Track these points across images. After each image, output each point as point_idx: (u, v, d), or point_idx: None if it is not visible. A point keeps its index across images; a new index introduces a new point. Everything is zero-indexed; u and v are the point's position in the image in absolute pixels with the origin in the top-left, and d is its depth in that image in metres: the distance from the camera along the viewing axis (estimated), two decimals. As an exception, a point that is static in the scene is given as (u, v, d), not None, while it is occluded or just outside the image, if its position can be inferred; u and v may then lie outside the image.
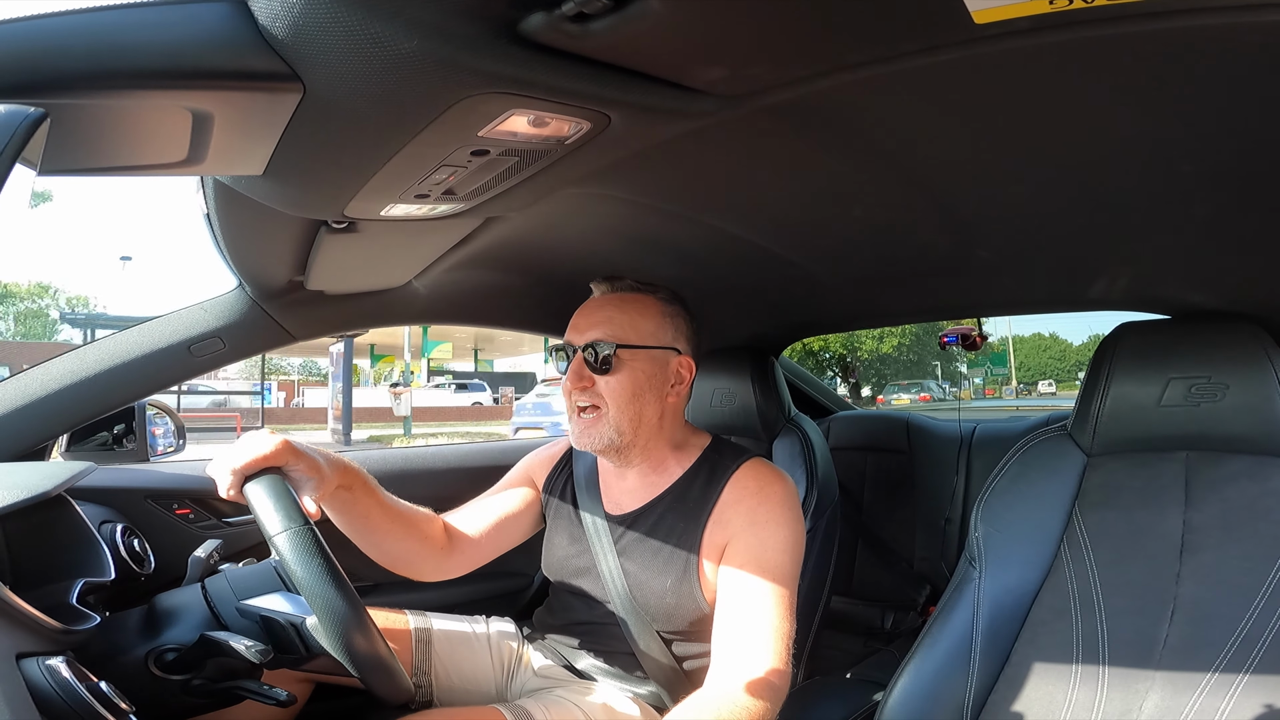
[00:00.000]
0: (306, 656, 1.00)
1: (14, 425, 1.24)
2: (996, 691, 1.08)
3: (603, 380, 1.21)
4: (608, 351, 1.20)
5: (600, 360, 1.20)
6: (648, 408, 1.23)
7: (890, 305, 1.69)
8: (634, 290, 1.27)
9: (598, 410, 1.22)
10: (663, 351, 1.24)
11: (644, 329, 1.23)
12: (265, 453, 0.95)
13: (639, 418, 1.23)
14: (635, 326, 1.22)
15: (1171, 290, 1.23)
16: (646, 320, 1.24)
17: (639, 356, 1.22)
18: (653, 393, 1.23)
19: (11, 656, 0.78)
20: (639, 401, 1.22)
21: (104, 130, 0.61)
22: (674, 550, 1.21)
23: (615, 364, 1.20)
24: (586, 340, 1.22)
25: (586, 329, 1.23)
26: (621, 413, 1.21)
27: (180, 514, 1.61)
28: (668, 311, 1.26)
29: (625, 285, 1.28)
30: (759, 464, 1.26)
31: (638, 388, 1.21)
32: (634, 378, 1.21)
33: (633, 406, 1.21)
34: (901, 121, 0.77)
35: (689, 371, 1.27)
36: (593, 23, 0.52)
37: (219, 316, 1.35)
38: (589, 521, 1.31)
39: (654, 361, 1.23)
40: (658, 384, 1.24)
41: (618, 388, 1.21)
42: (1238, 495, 1.03)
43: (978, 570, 1.15)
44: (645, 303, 1.25)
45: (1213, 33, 0.55)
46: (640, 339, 1.22)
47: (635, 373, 1.21)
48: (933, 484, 2.04)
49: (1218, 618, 0.98)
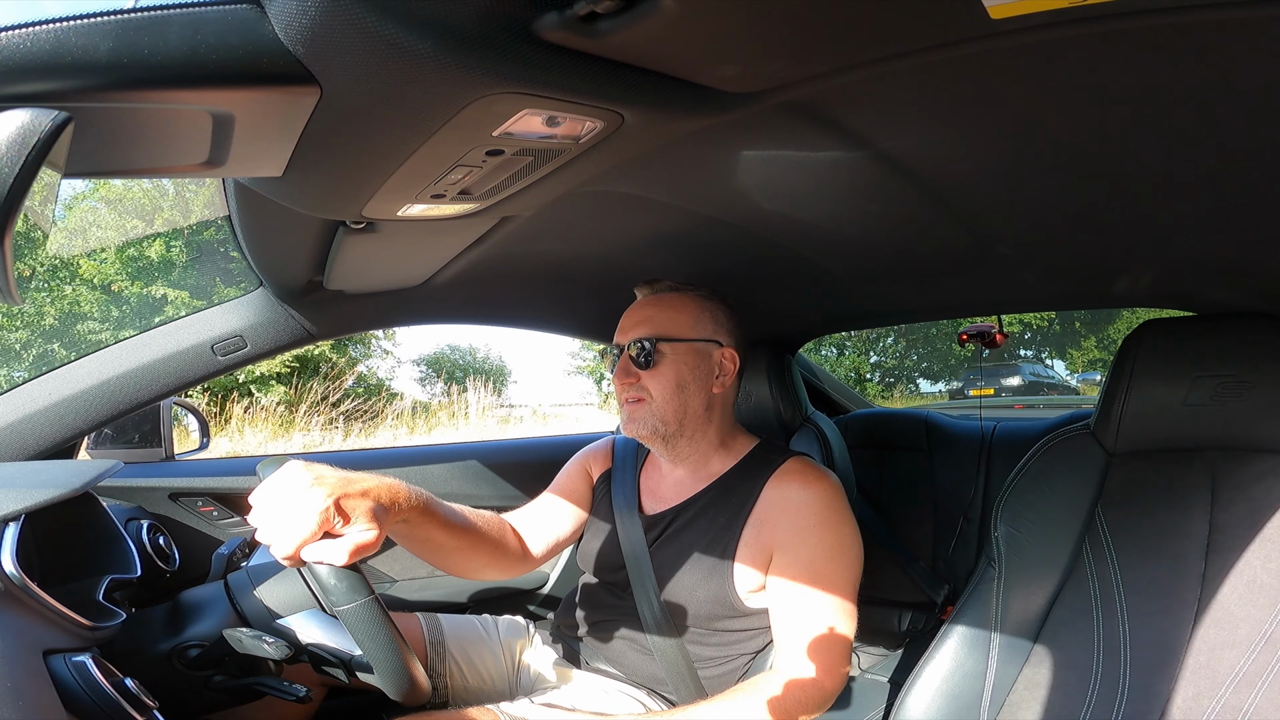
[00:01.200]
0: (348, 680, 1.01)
1: (41, 424, 1.26)
2: (1015, 692, 1.07)
3: (647, 374, 1.26)
4: (649, 346, 1.25)
5: (643, 356, 1.25)
6: (693, 398, 1.27)
7: (909, 302, 1.67)
8: (672, 290, 1.33)
9: (642, 401, 1.27)
10: (704, 344, 1.28)
11: (682, 323, 1.27)
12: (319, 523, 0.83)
13: (684, 408, 1.26)
14: (674, 321, 1.27)
15: (1196, 287, 1.21)
16: (684, 315, 1.28)
17: (679, 349, 1.26)
18: (697, 384, 1.27)
19: (39, 654, 0.79)
20: (684, 393, 1.26)
21: (127, 133, 0.61)
22: (708, 546, 1.22)
23: (657, 358, 1.25)
24: (630, 339, 1.27)
25: (630, 329, 1.29)
26: (666, 403, 1.25)
27: (204, 511, 1.63)
28: (705, 306, 1.31)
29: (664, 286, 1.33)
30: (802, 462, 1.26)
31: (681, 379, 1.26)
32: (677, 370, 1.25)
33: (678, 397, 1.26)
34: (918, 117, 0.76)
35: (733, 363, 1.31)
36: (604, 22, 0.52)
37: (241, 316, 1.37)
38: (625, 515, 1.33)
39: (696, 354, 1.27)
40: (702, 375, 1.28)
41: (661, 380, 1.25)
42: (1264, 495, 1.01)
43: (998, 570, 1.14)
44: (682, 299, 1.30)
45: (1236, 25, 0.54)
46: (679, 332, 1.27)
47: (678, 365, 1.26)
48: (952, 483, 2.02)
49: (1243, 618, 0.96)
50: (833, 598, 1.12)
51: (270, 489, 0.85)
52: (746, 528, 1.20)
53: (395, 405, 11.62)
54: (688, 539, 1.25)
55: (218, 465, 1.72)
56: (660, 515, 1.30)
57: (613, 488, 1.39)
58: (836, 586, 1.13)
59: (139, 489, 1.58)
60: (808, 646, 1.10)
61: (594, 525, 1.39)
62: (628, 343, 1.27)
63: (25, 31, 0.50)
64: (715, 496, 1.26)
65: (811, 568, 1.14)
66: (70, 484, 0.91)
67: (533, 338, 4.27)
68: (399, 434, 10.14)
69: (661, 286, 1.34)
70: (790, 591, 1.14)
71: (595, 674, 1.31)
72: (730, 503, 1.24)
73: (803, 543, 1.16)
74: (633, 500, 1.34)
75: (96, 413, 1.30)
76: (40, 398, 1.26)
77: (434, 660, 1.34)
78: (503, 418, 12.43)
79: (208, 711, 1.08)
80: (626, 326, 1.30)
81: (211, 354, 1.36)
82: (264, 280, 1.32)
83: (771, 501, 1.21)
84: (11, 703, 0.69)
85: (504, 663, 1.40)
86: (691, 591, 1.21)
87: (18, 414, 1.25)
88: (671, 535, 1.27)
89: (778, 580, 1.16)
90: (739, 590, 1.19)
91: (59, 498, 0.87)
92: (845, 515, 1.20)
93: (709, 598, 1.20)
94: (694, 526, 1.25)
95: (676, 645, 1.23)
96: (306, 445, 8.94)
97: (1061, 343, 17.07)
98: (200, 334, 1.35)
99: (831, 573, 1.14)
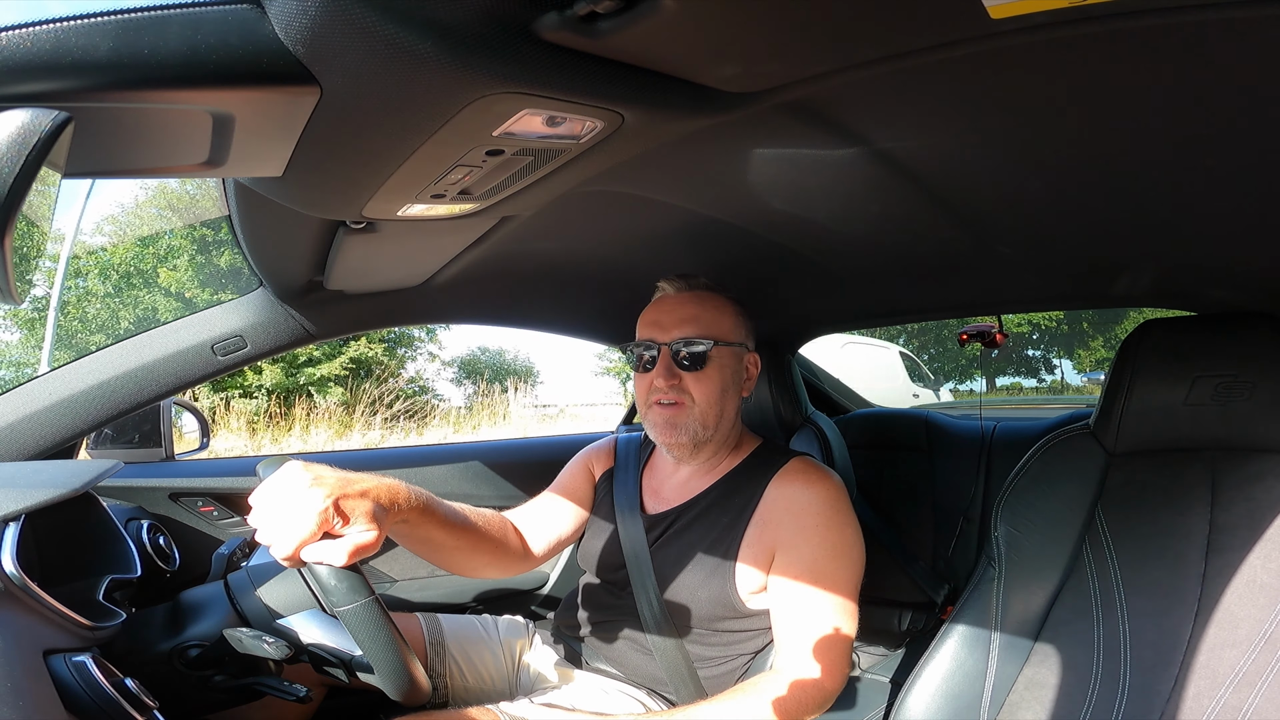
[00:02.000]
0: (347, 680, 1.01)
1: (41, 424, 1.26)
2: (1015, 691, 1.07)
3: (691, 377, 1.21)
4: (702, 348, 1.20)
5: (691, 357, 1.20)
6: (730, 404, 1.25)
7: (909, 302, 1.67)
8: (709, 289, 1.28)
9: (680, 405, 1.22)
10: (741, 349, 1.27)
11: (726, 325, 1.24)
12: (318, 524, 0.82)
13: (722, 413, 1.24)
14: (719, 323, 1.23)
15: (1196, 286, 1.21)
16: (727, 318, 1.25)
17: (724, 354, 1.23)
18: (734, 390, 1.26)
19: (39, 654, 0.79)
20: (725, 398, 1.24)
21: (127, 133, 0.61)
22: (711, 546, 1.22)
23: (708, 361, 1.21)
24: (675, 337, 1.21)
25: (673, 326, 1.22)
26: (710, 408, 1.22)
27: (204, 511, 1.63)
28: (738, 310, 1.29)
29: (701, 284, 1.28)
30: (805, 462, 1.26)
31: (725, 384, 1.23)
32: (722, 374, 1.23)
33: (720, 403, 1.23)
34: (918, 117, 0.76)
35: (756, 367, 1.30)
36: (604, 22, 0.52)
37: (241, 316, 1.37)
38: (627, 514, 1.32)
39: (736, 358, 1.26)
40: (739, 380, 1.27)
41: (708, 385, 1.21)
42: (1264, 494, 1.01)
43: (998, 570, 1.14)
44: (721, 300, 1.27)
45: (1235, 25, 0.54)
46: (725, 335, 1.23)
47: (724, 369, 1.23)
48: (952, 483, 2.02)
49: (1243, 618, 0.96)
50: (834, 597, 1.12)
51: (270, 490, 0.84)
52: (749, 528, 1.20)
53: (441, 406, 12.37)
54: (690, 539, 1.24)
55: (218, 465, 1.72)
56: (662, 515, 1.30)
57: (615, 487, 1.38)
58: (838, 586, 1.13)
59: (139, 489, 1.58)
60: (808, 646, 1.10)
61: (595, 524, 1.39)
62: (671, 341, 1.21)
63: (25, 31, 0.51)
64: (718, 497, 1.26)
65: (813, 567, 1.13)
66: (70, 484, 0.91)
67: (557, 339, 4.33)
68: (445, 434, 10.68)
69: (699, 283, 1.28)
70: (792, 591, 1.14)
71: (595, 674, 1.31)
72: (733, 503, 1.23)
73: (805, 542, 1.15)
74: (634, 500, 1.34)
75: (96, 413, 1.30)
76: (40, 398, 1.26)
77: (434, 660, 1.34)
78: (541, 416, 12.97)
79: (208, 711, 1.08)
80: (667, 323, 1.23)
81: (211, 354, 1.36)
82: (264, 280, 1.32)
83: (774, 501, 1.20)
84: (11, 703, 0.69)
85: (504, 663, 1.40)
86: (693, 592, 1.21)
87: (18, 414, 1.25)
88: (673, 535, 1.26)
89: (779, 580, 1.15)
90: (740, 591, 1.18)
91: (59, 498, 0.87)
92: (848, 515, 1.19)
93: (710, 598, 1.20)
94: (696, 527, 1.25)
95: (676, 645, 1.23)
96: (367, 444, 9.21)
97: (1070, 343, 17.18)
98: (200, 334, 1.35)
99: (833, 572, 1.14)
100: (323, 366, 11.26)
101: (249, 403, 10.56)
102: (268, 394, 10.76)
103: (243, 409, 10.11)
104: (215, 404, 10.07)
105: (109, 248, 12.10)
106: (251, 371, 10.91)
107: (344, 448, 8.41)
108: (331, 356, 11.51)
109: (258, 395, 10.89)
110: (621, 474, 1.39)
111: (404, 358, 14.04)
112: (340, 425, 9.80)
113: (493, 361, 17.15)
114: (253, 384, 10.99)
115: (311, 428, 9.41)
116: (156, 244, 12.22)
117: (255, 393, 10.93)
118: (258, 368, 10.88)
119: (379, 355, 12.33)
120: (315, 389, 11.20)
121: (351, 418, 10.15)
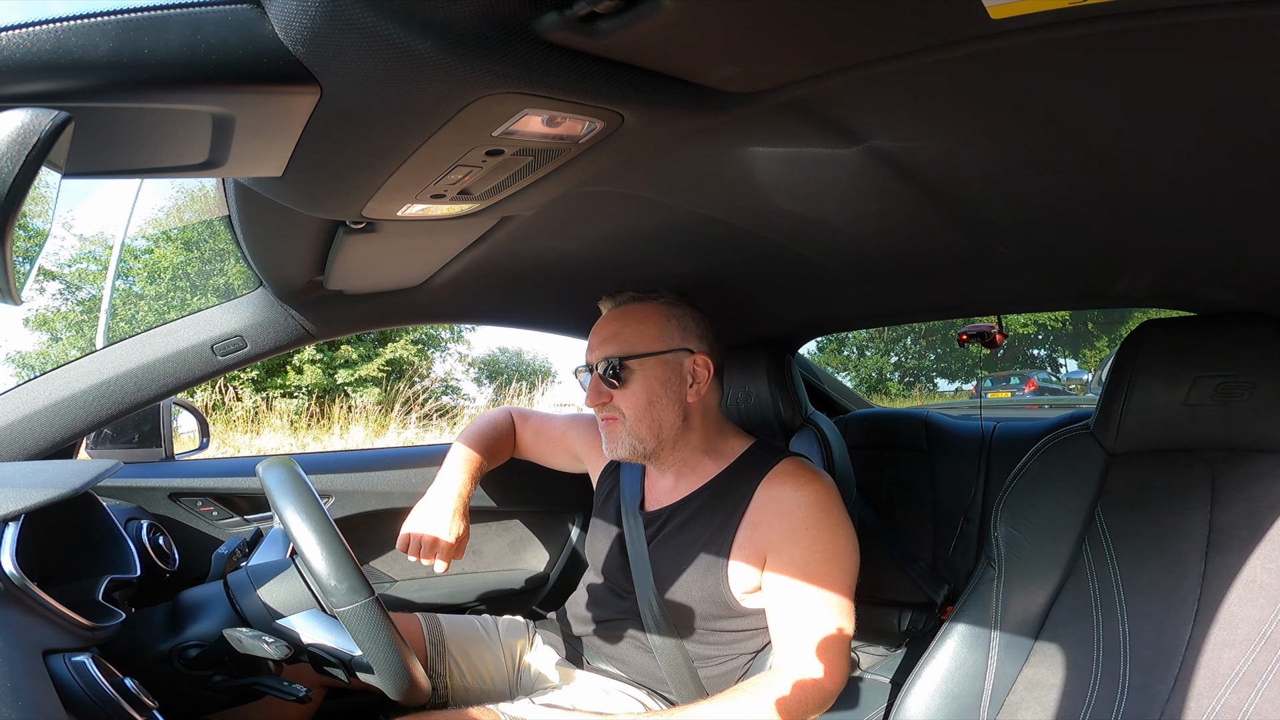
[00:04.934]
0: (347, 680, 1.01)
1: (41, 424, 1.26)
2: (1015, 692, 1.07)
3: (618, 394, 1.24)
4: (616, 365, 1.23)
5: (612, 374, 1.23)
6: (666, 413, 1.24)
7: (909, 302, 1.67)
8: (635, 300, 1.29)
9: (614, 420, 1.25)
10: (673, 354, 1.25)
11: (648, 335, 1.25)
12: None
13: (658, 424, 1.24)
14: (639, 335, 1.24)
15: (1196, 287, 1.21)
16: (649, 327, 1.25)
17: (647, 365, 1.23)
18: (669, 397, 1.24)
19: (39, 654, 0.79)
20: (655, 408, 1.24)
21: (127, 133, 0.62)
22: (704, 546, 1.22)
23: (626, 376, 1.23)
24: (598, 358, 1.25)
25: (596, 347, 1.27)
26: (639, 421, 1.24)
27: (204, 511, 1.63)
28: (671, 314, 1.27)
29: (626, 297, 1.30)
30: (795, 463, 1.25)
31: (652, 395, 1.23)
32: (647, 386, 1.23)
33: (650, 414, 1.23)
34: (918, 117, 0.76)
35: (706, 369, 1.27)
36: (604, 22, 0.52)
37: (241, 316, 1.37)
38: (627, 514, 1.33)
39: (665, 366, 1.24)
40: (673, 387, 1.25)
41: (632, 399, 1.23)
42: (1264, 494, 1.01)
43: (997, 570, 1.14)
44: (647, 310, 1.27)
45: (1236, 25, 0.54)
46: (645, 346, 1.24)
47: (648, 380, 1.23)
48: (951, 483, 2.02)
49: (1243, 618, 0.96)
50: (829, 598, 1.12)
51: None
52: (740, 529, 1.20)
53: (470, 406, 12.94)
54: (684, 538, 1.24)
55: (218, 465, 1.72)
56: (658, 513, 1.30)
57: (621, 482, 1.39)
58: (832, 587, 1.13)
59: (139, 489, 1.57)
60: (806, 647, 1.10)
61: (600, 524, 1.40)
62: (595, 362, 1.26)
63: (25, 31, 0.51)
64: (710, 497, 1.26)
65: (806, 568, 1.13)
66: (70, 484, 0.90)
67: (572, 341, 4.45)
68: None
69: (624, 298, 1.31)
70: (786, 592, 1.14)
71: (596, 674, 1.31)
72: (724, 504, 1.23)
73: (796, 544, 1.15)
74: (638, 497, 1.34)
75: (96, 413, 1.30)
76: (40, 398, 1.26)
77: (434, 661, 1.34)
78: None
79: (208, 711, 1.08)
80: (593, 344, 1.28)
81: (211, 354, 1.36)
82: (264, 280, 1.32)
83: (764, 503, 1.20)
84: (11, 703, 0.69)
85: (504, 663, 1.40)
86: (688, 590, 1.21)
87: (18, 414, 1.25)
88: (669, 534, 1.27)
89: (773, 581, 1.15)
90: (734, 591, 1.18)
91: (59, 498, 0.87)
92: (839, 516, 1.19)
93: (704, 597, 1.20)
94: (690, 526, 1.25)
95: (676, 645, 1.23)
96: (404, 442, 9.45)
97: (1075, 343, 17.30)
98: (200, 334, 1.35)
99: (826, 574, 1.14)
100: (360, 368, 11.76)
101: (290, 402, 10.98)
102: (307, 394, 11.21)
103: (284, 408, 10.53)
104: (258, 402, 10.52)
105: (154, 249, 12.49)
106: (293, 371, 11.40)
107: (373, 445, 8.55)
108: (368, 358, 11.93)
109: (298, 395, 11.27)
110: (628, 469, 1.41)
111: (433, 359, 14.48)
112: (377, 425, 10.14)
113: (512, 362, 17.45)
114: (293, 384, 11.36)
115: (351, 426, 9.93)
116: (202, 248, 12.60)
117: (295, 393, 11.30)
118: (299, 367, 11.39)
119: (411, 356, 12.73)
120: (352, 389, 11.67)
121: (387, 417, 10.48)
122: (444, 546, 1.24)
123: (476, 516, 1.83)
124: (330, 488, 1.73)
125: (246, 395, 10.68)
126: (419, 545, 1.25)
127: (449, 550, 1.24)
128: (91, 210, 14.64)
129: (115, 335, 11.46)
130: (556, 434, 1.58)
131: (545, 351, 19.05)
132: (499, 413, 1.60)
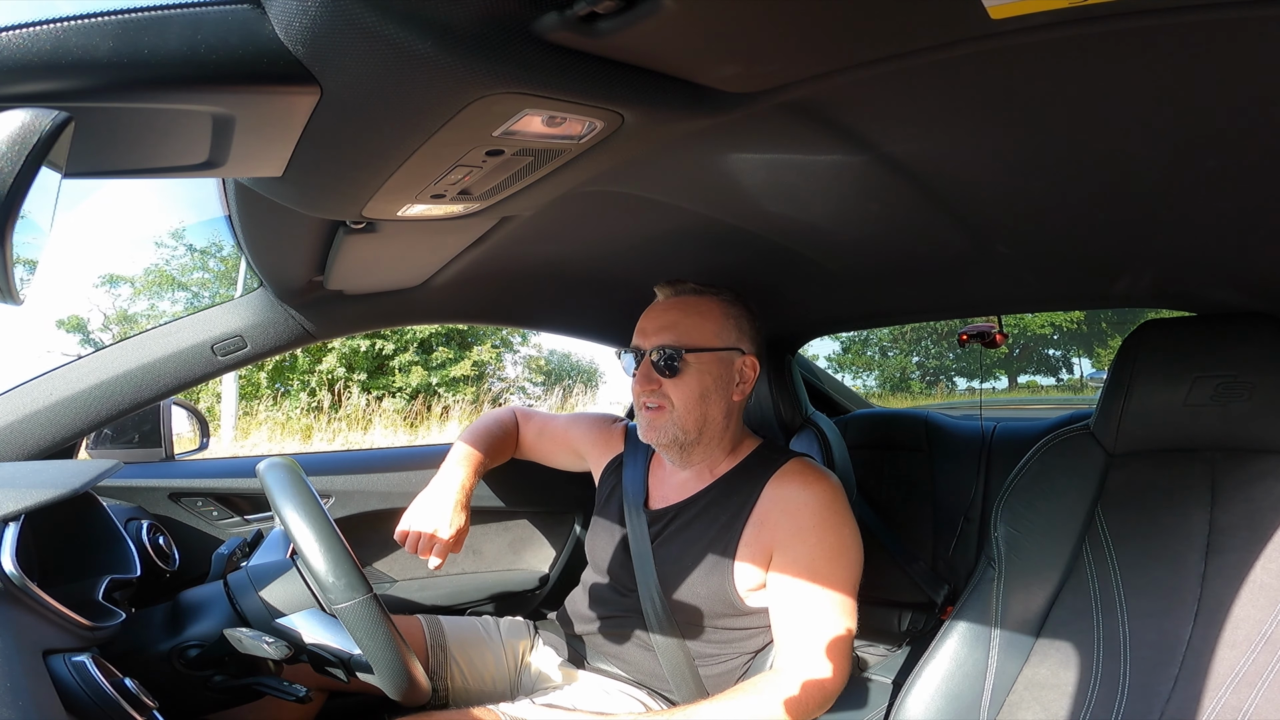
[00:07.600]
0: (347, 680, 1.01)
1: (41, 424, 1.26)
2: (1015, 692, 1.07)
3: (670, 383, 1.23)
4: (674, 356, 1.22)
5: (667, 364, 1.22)
6: (713, 408, 1.25)
7: (909, 302, 1.67)
8: (696, 293, 1.29)
9: (661, 409, 1.25)
10: (728, 353, 1.26)
11: (708, 331, 1.25)
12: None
13: (704, 418, 1.25)
14: (700, 330, 1.24)
15: (1196, 287, 1.21)
16: (710, 323, 1.25)
17: (704, 359, 1.24)
18: (719, 393, 1.25)
19: (39, 654, 0.79)
20: (705, 403, 1.24)
21: (127, 133, 0.61)
22: (710, 544, 1.22)
23: (682, 368, 1.22)
24: (653, 344, 1.24)
25: (653, 333, 1.26)
26: (688, 413, 1.24)
27: (204, 511, 1.63)
28: (730, 313, 1.28)
29: (688, 289, 1.29)
30: (803, 463, 1.26)
31: (704, 389, 1.24)
32: (701, 380, 1.23)
33: (699, 408, 1.24)
34: (917, 117, 0.76)
35: (753, 370, 1.29)
36: (604, 22, 0.52)
37: (241, 316, 1.37)
38: (633, 509, 1.33)
39: (720, 363, 1.25)
40: (724, 385, 1.26)
41: (685, 390, 1.23)
42: (1264, 495, 1.01)
43: (998, 570, 1.14)
44: (708, 305, 1.27)
45: (1236, 25, 0.54)
46: (705, 342, 1.24)
47: (702, 375, 1.23)
48: (951, 483, 2.02)
49: (1242, 619, 0.96)
50: (833, 598, 1.12)
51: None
52: (747, 527, 1.20)
53: (539, 406, 13.13)
54: (689, 536, 1.25)
55: (218, 465, 1.72)
56: (664, 511, 1.30)
57: (624, 480, 1.39)
58: (836, 586, 1.13)
59: (139, 489, 1.57)
60: (808, 646, 1.10)
61: (603, 520, 1.40)
62: (650, 348, 1.24)
63: (25, 31, 0.51)
64: (717, 495, 1.26)
65: (811, 567, 1.14)
66: (70, 484, 0.90)
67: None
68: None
69: (685, 288, 1.30)
70: (790, 591, 1.14)
71: (597, 674, 1.31)
72: (731, 502, 1.24)
73: (802, 543, 1.16)
74: (641, 495, 1.34)
75: (96, 413, 1.30)
76: (40, 398, 1.26)
77: (435, 662, 1.34)
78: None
79: (208, 711, 1.08)
80: (649, 330, 1.27)
81: (211, 354, 1.36)
82: (264, 280, 1.32)
83: (772, 502, 1.20)
84: (11, 703, 0.69)
85: (505, 664, 1.40)
86: (692, 588, 1.21)
87: (18, 414, 1.25)
88: (674, 532, 1.27)
89: (778, 580, 1.16)
90: (739, 589, 1.19)
91: (59, 498, 0.87)
92: (845, 516, 1.19)
93: (709, 595, 1.20)
94: (696, 524, 1.25)
95: (679, 643, 1.23)
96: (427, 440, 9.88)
97: (1089, 342, 17.43)
98: (200, 334, 1.35)
99: (831, 573, 1.14)
100: (454, 368, 12.40)
101: (394, 400, 11.58)
102: (409, 396, 11.84)
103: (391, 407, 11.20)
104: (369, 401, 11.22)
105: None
106: (398, 372, 12.03)
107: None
108: (456, 360, 12.42)
109: (398, 395, 11.79)
110: (630, 468, 1.40)
111: (504, 363, 15.04)
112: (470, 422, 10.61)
113: (560, 363, 17.74)
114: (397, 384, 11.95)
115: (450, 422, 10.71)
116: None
117: (397, 393, 11.82)
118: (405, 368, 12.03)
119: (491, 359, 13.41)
120: (446, 389, 12.31)
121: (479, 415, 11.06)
122: (442, 542, 1.23)
123: (478, 516, 1.83)
124: (330, 488, 1.73)
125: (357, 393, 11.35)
126: (417, 540, 1.24)
127: (445, 547, 1.23)
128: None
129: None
130: (559, 432, 1.58)
131: (589, 353, 19.19)
132: (503, 411, 1.59)
